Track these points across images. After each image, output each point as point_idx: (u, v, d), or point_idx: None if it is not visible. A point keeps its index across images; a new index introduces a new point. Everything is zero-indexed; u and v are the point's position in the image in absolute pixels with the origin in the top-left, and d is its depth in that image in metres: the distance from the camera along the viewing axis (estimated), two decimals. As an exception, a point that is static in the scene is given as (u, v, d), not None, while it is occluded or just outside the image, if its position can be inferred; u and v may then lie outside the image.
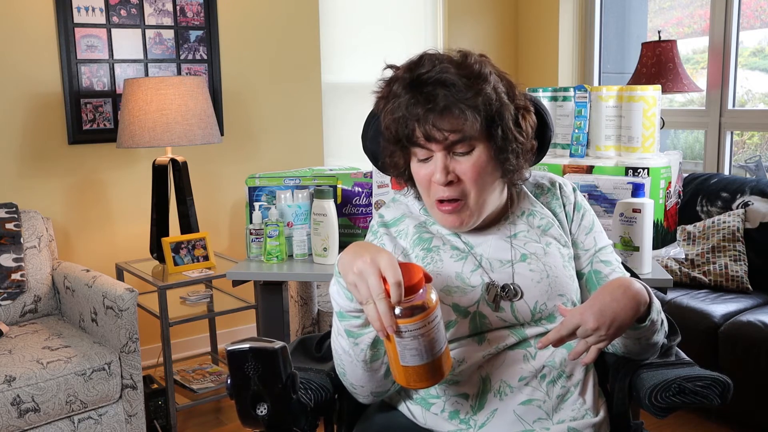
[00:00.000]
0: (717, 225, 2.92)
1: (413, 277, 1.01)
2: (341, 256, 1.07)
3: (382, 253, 1.01)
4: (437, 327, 1.03)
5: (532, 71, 4.24)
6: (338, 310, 1.12)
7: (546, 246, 1.27)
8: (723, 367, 2.47)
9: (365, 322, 1.10)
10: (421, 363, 1.03)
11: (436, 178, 1.17)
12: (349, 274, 1.02)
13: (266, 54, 3.44)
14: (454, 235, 1.27)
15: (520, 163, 1.22)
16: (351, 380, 1.20)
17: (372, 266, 1.00)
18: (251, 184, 2.06)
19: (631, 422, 1.28)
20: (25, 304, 2.60)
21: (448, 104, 1.13)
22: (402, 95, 1.16)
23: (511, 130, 1.19)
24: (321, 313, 2.77)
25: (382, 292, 0.98)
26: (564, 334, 1.10)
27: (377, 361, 1.15)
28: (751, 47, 3.63)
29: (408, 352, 1.02)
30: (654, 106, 1.99)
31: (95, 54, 2.99)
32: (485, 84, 1.16)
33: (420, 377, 1.05)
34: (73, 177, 3.01)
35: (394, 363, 1.05)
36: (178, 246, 2.75)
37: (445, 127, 1.14)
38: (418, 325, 1.00)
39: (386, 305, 0.98)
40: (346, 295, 1.08)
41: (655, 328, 1.20)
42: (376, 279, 0.99)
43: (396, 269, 0.99)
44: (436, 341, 1.03)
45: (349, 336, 1.13)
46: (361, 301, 1.01)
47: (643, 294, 1.15)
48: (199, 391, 2.76)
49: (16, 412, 2.10)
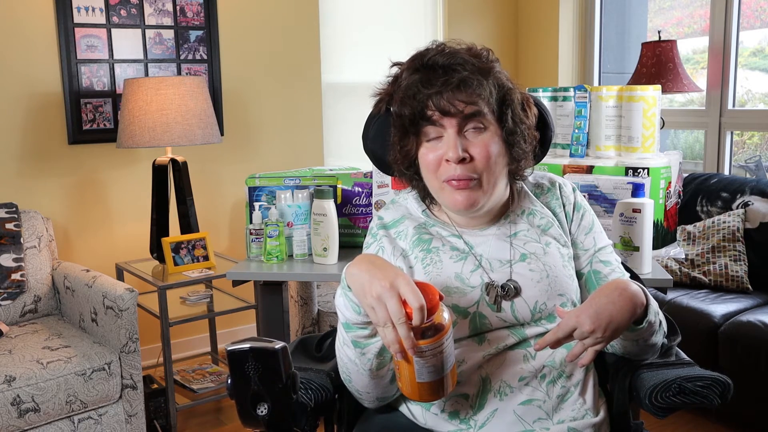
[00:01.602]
0: (717, 225, 2.92)
1: (432, 299, 1.02)
2: (350, 270, 1.06)
3: (399, 275, 1.01)
4: (451, 343, 1.06)
5: (532, 71, 4.24)
6: (344, 321, 1.12)
7: (546, 246, 1.27)
8: (723, 367, 2.47)
9: (372, 332, 1.10)
10: (437, 378, 1.06)
11: (449, 155, 1.17)
12: (367, 297, 1.02)
13: (266, 54, 3.44)
14: (454, 236, 1.27)
15: (527, 150, 1.24)
16: (357, 387, 1.20)
17: (392, 291, 0.99)
18: (251, 184, 2.06)
19: (631, 422, 1.28)
20: (25, 304, 2.60)
21: (464, 78, 1.15)
22: (413, 76, 1.18)
23: (519, 114, 1.22)
24: (321, 313, 2.77)
25: (403, 316, 0.99)
26: (561, 336, 1.10)
27: (383, 368, 1.16)
28: (751, 47, 3.63)
29: (426, 369, 1.04)
30: (654, 106, 1.99)
31: (95, 54, 2.99)
32: (495, 64, 1.20)
33: (434, 391, 1.07)
34: (73, 177, 3.01)
35: (408, 380, 1.06)
36: (178, 246, 2.75)
37: (461, 99, 1.15)
38: (436, 345, 1.02)
39: (408, 329, 0.99)
40: (353, 309, 1.08)
41: (652, 329, 1.19)
42: (397, 304, 0.99)
43: (417, 293, 0.99)
44: (450, 356, 1.06)
45: (356, 346, 1.13)
46: (379, 323, 1.01)
47: (640, 296, 1.15)
48: (199, 391, 2.76)
49: (16, 412, 2.10)
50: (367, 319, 1.07)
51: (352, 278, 1.05)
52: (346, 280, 1.07)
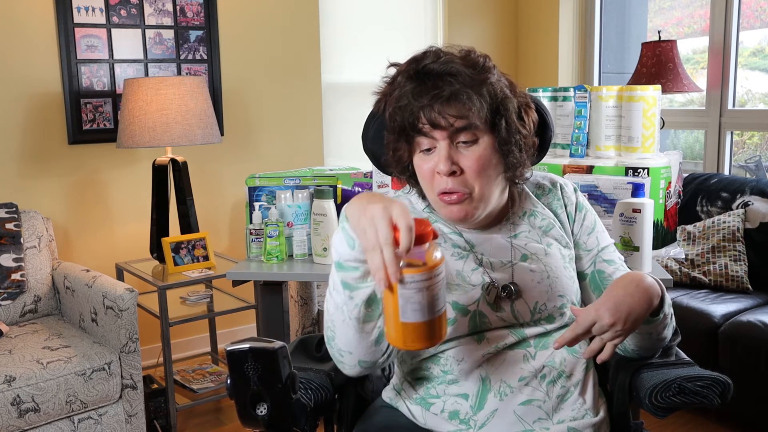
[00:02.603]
0: (717, 225, 2.92)
1: (424, 228, 0.99)
2: (351, 202, 1.05)
3: (395, 202, 1.00)
4: (441, 284, 1.01)
5: (532, 71, 4.24)
6: (338, 259, 1.09)
7: (547, 247, 1.27)
8: (723, 367, 2.47)
9: (364, 274, 1.07)
10: (422, 320, 1.00)
11: (439, 168, 1.16)
12: (360, 218, 1.00)
13: (266, 54, 3.44)
14: (455, 234, 1.27)
15: (522, 158, 1.22)
16: (339, 344, 1.16)
17: (384, 213, 0.98)
18: (251, 184, 2.06)
19: (631, 422, 1.28)
20: (25, 304, 2.60)
21: (454, 91, 1.13)
22: (407, 85, 1.16)
23: (514, 122, 1.19)
24: (321, 313, 2.77)
25: (390, 238, 0.96)
26: (580, 332, 1.09)
27: (370, 323, 1.12)
28: (751, 47, 3.63)
29: (410, 306, 0.99)
30: (654, 106, 1.99)
31: (95, 54, 2.99)
32: (490, 74, 1.17)
33: (418, 336, 1.02)
34: (73, 177, 3.01)
35: (392, 319, 1.02)
36: (178, 246, 2.75)
37: (451, 113, 1.14)
38: (423, 277, 0.98)
39: (393, 252, 0.96)
40: (348, 243, 1.06)
41: (666, 321, 1.21)
42: (387, 225, 0.97)
43: (408, 216, 0.97)
44: (438, 299, 1.00)
45: (345, 288, 1.09)
46: (368, 247, 0.99)
47: (656, 287, 1.15)
48: (199, 391, 2.76)
49: (16, 412, 2.10)
50: (361, 256, 1.05)
51: (351, 208, 1.04)
52: (345, 211, 1.06)
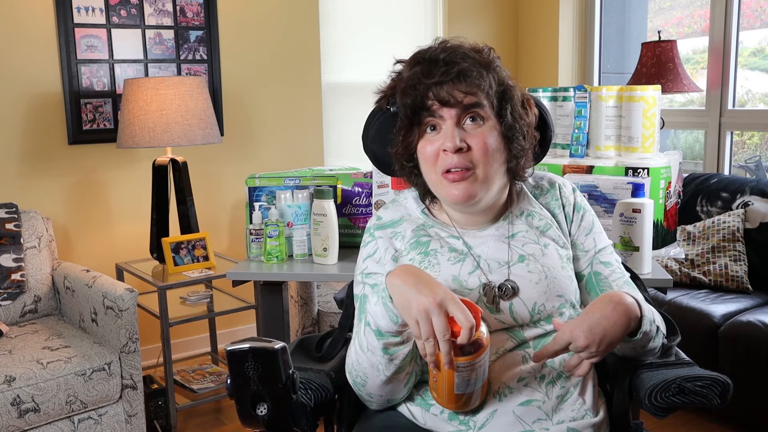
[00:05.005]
0: (717, 225, 2.92)
1: (475, 317, 1.04)
2: (393, 281, 1.07)
3: (447, 292, 1.04)
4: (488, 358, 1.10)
5: (532, 71, 4.24)
6: (376, 329, 1.12)
7: (544, 247, 1.26)
8: (723, 367, 2.47)
9: (406, 339, 1.12)
10: (474, 390, 1.10)
11: (446, 145, 1.18)
12: (413, 310, 1.03)
13: (266, 54, 3.44)
14: (453, 237, 1.27)
15: (525, 149, 1.24)
16: (370, 391, 1.21)
17: (440, 308, 1.02)
18: (251, 184, 2.06)
19: (631, 422, 1.28)
20: (25, 304, 2.60)
21: (464, 69, 1.17)
22: (415, 69, 1.20)
23: (518, 110, 1.23)
24: (321, 313, 2.77)
25: (448, 333, 1.02)
26: (557, 349, 1.13)
27: (402, 372, 1.17)
28: (751, 47, 3.63)
29: (464, 381, 1.08)
30: (654, 106, 1.99)
31: (95, 54, 2.99)
32: (496, 60, 1.22)
33: (469, 400, 1.12)
34: (73, 177, 3.01)
35: (445, 390, 1.10)
36: (178, 246, 2.75)
37: (461, 89, 1.17)
38: (476, 361, 1.06)
39: (450, 347, 1.02)
40: (391, 318, 1.08)
41: (648, 337, 1.20)
42: (444, 321, 1.02)
43: (467, 313, 1.02)
44: (485, 370, 1.10)
45: (385, 353, 1.13)
46: (420, 337, 1.04)
47: (634, 308, 1.15)
48: (199, 391, 2.76)
49: (16, 412, 2.10)
50: (402, 328, 1.09)
51: (396, 289, 1.06)
52: (389, 290, 1.08)
